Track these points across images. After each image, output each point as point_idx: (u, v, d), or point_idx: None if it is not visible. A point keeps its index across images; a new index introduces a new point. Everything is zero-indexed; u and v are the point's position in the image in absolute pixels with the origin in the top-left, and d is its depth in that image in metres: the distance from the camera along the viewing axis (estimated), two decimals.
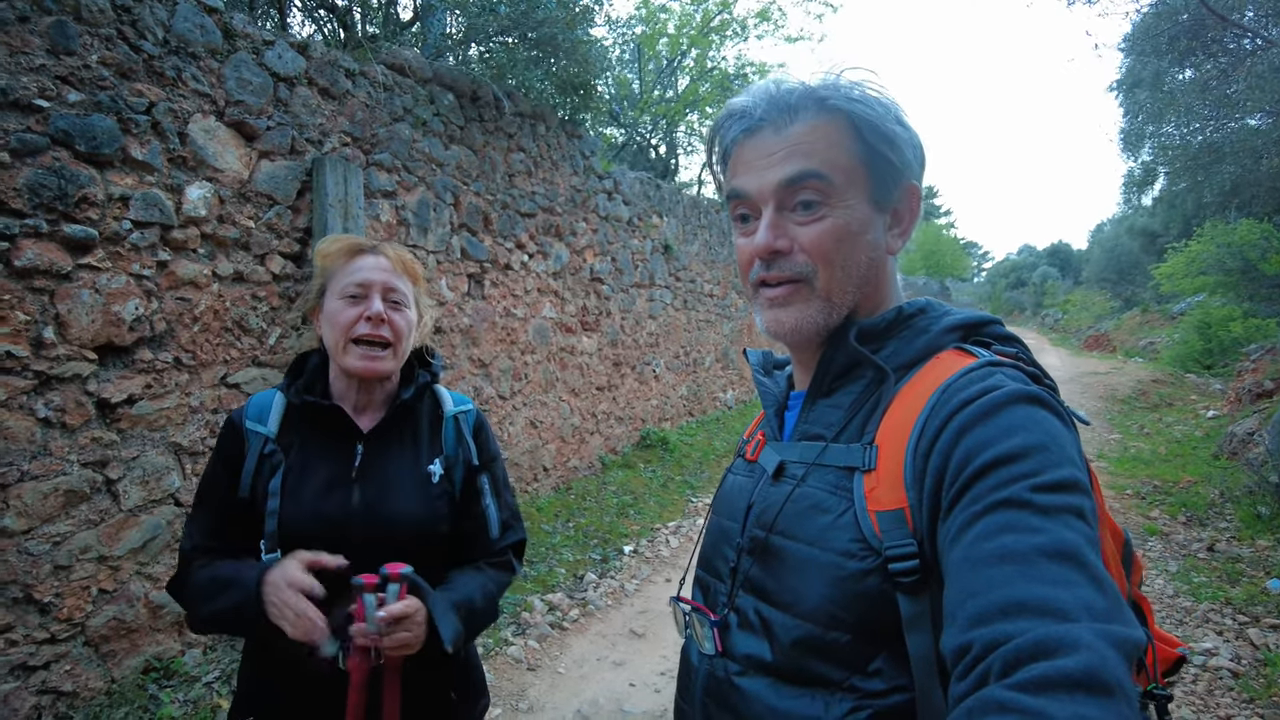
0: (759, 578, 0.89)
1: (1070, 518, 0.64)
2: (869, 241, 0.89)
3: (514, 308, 5.75)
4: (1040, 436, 0.70)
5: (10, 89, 2.61)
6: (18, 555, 2.68)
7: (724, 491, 1.07)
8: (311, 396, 1.46)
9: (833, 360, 0.92)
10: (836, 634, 0.79)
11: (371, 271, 1.43)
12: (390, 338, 1.42)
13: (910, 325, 0.90)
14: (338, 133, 4.02)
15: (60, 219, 2.76)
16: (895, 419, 0.82)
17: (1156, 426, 9.92)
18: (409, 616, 1.27)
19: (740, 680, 0.87)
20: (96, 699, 2.88)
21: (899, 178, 0.90)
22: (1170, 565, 4.83)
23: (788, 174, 0.86)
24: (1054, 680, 0.52)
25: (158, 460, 3.15)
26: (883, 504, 0.78)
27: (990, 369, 0.80)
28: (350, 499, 1.40)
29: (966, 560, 0.65)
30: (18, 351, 2.66)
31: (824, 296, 0.89)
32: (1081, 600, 0.57)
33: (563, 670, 3.63)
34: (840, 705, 0.78)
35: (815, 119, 0.87)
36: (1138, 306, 24.87)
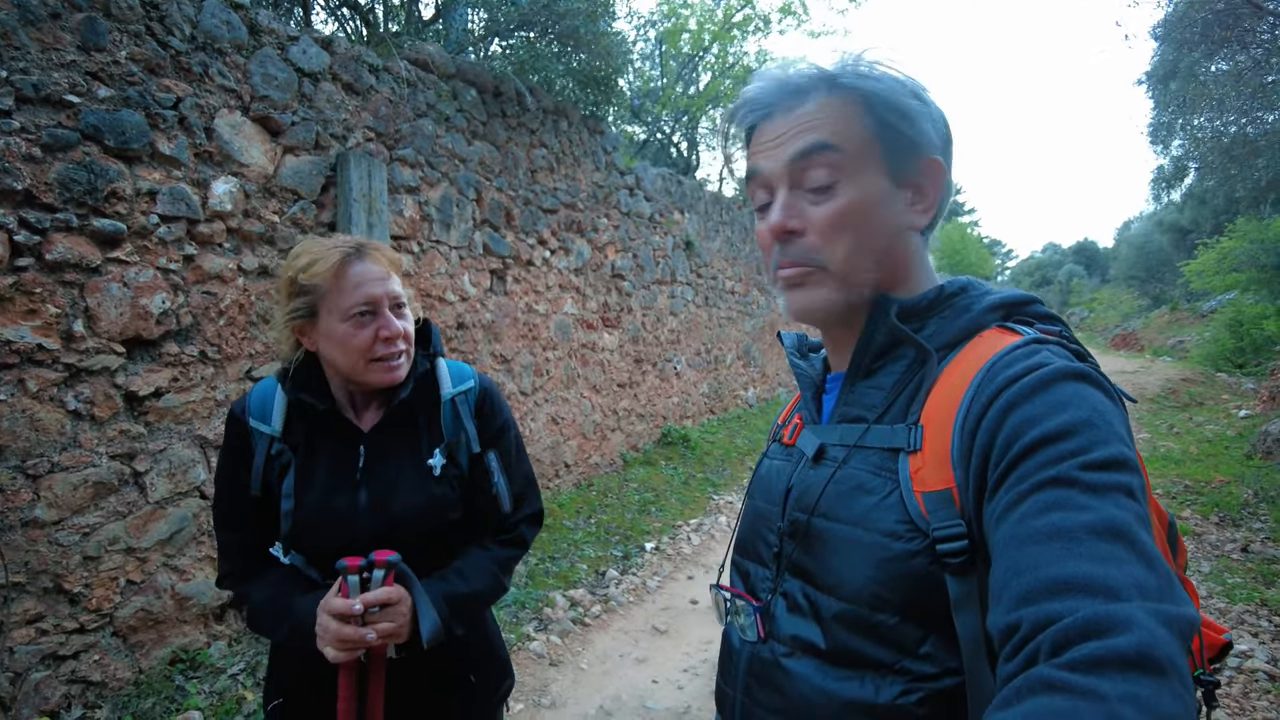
0: (803, 561, 0.88)
1: (1119, 495, 0.63)
2: (886, 217, 0.87)
3: (536, 304, 5.75)
4: (1088, 413, 0.68)
5: (42, 85, 2.64)
6: (48, 545, 2.71)
7: (760, 476, 1.05)
8: (308, 396, 1.41)
9: (872, 339, 0.90)
10: (884, 615, 0.78)
11: (374, 285, 1.36)
12: (406, 346, 1.40)
13: (952, 304, 0.89)
14: (362, 128, 4.03)
15: (90, 213, 2.79)
16: (939, 398, 0.80)
17: (1186, 426, 9.73)
18: (391, 605, 1.26)
19: (788, 661, 0.87)
20: (124, 689, 2.91)
21: (916, 151, 0.88)
22: (1203, 566, 4.73)
23: (798, 148, 0.86)
24: (1105, 659, 0.51)
25: (184, 453, 3.17)
26: (929, 484, 0.77)
27: (1036, 346, 0.78)
28: (357, 499, 1.39)
29: (1014, 538, 0.64)
30: (49, 344, 2.69)
31: (839, 276, 0.87)
32: (1132, 578, 0.56)
33: (585, 666, 3.62)
34: (891, 688, 0.77)
35: (825, 97, 0.86)
36: (1166, 304, 24.48)
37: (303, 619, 1.31)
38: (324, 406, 1.42)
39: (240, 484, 1.43)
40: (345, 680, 1.30)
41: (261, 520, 1.43)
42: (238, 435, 1.45)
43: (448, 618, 1.33)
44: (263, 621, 1.41)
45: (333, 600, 1.26)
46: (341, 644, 1.24)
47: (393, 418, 1.45)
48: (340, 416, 1.44)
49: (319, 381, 1.45)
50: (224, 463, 1.47)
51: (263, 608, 1.40)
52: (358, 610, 1.23)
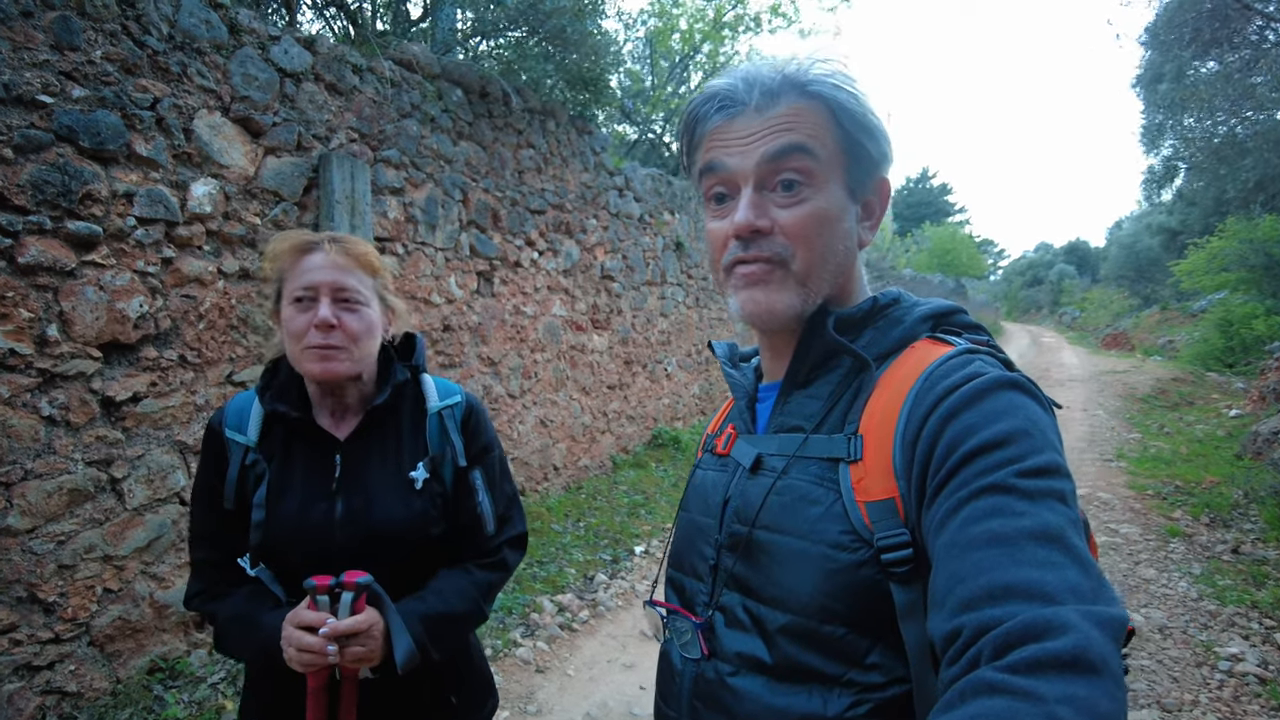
0: (744, 574, 0.87)
1: (1053, 501, 0.65)
2: (845, 230, 0.89)
3: (524, 305, 5.71)
4: (1022, 422, 0.71)
5: (14, 84, 2.59)
6: (21, 554, 2.66)
7: (694, 487, 1.05)
8: (283, 405, 1.38)
9: (809, 350, 0.91)
10: (831, 627, 0.78)
11: (317, 272, 1.31)
12: (342, 342, 1.32)
13: (886, 315, 0.91)
14: (345, 129, 3.99)
15: (64, 216, 2.74)
16: (877, 408, 0.82)
17: (1177, 425, 9.75)
18: (362, 632, 1.22)
19: (733, 680, 0.86)
20: (101, 699, 2.86)
21: (874, 169, 0.89)
22: (1194, 568, 4.72)
23: (774, 147, 0.84)
24: (1043, 661, 0.53)
25: (163, 459, 3.12)
26: (872, 494, 0.78)
27: (969, 356, 0.81)
28: (333, 511, 1.35)
29: (954, 545, 0.66)
30: (21, 349, 2.64)
31: (801, 280, 0.87)
32: (1066, 582, 0.58)
33: (572, 672, 3.58)
34: (840, 700, 0.77)
35: (798, 102, 0.86)
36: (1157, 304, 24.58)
37: (270, 635, 1.27)
38: (296, 414, 1.38)
39: (214, 499, 1.39)
40: (314, 701, 1.26)
41: (236, 537, 1.38)
42: (212, 447, 1.41)
43: (424, 640, 1.29)
44: (230, 641, 1.37)
45: (300, 612, 1.22)
46: (304, 655, 1.20)
47: (370, 426, 1.41)
48: (315, 425, 1.39)
49: (299, 391, 1.42)
50: (199, 478, 1.43)
51: (229, 626, 1.36)
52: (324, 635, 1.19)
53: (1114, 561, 4.90)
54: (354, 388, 1.42)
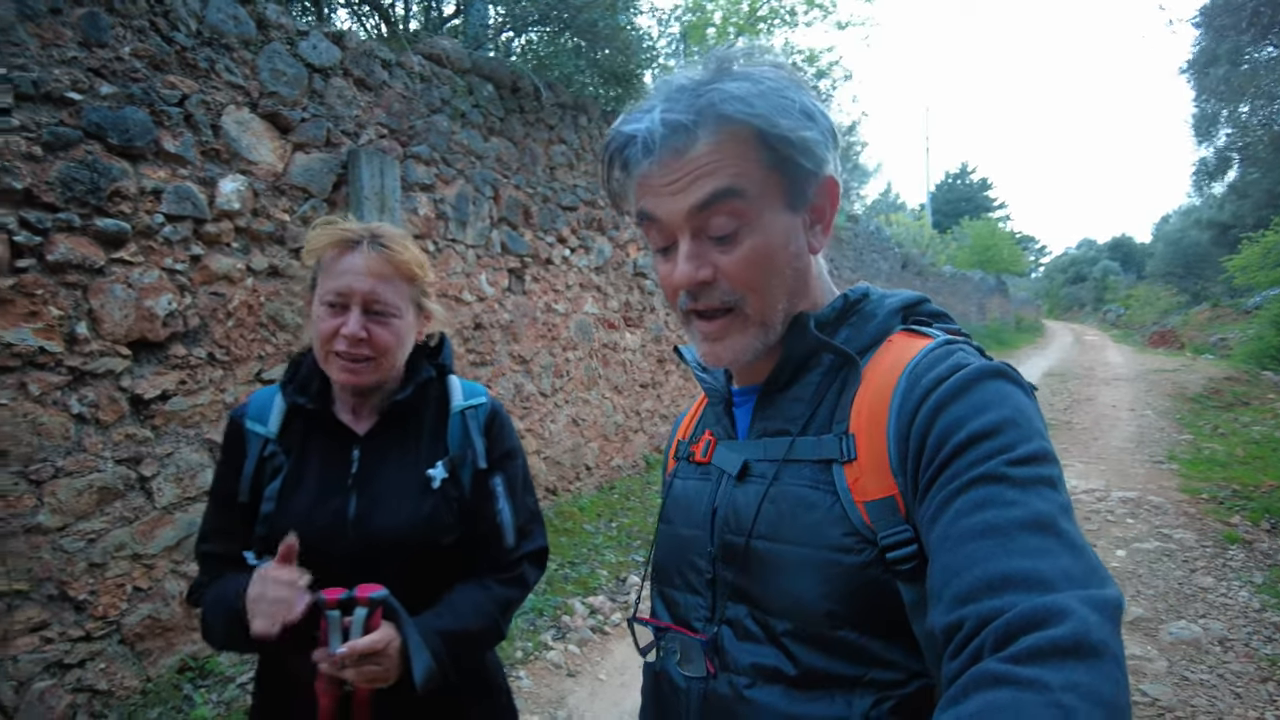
0: (746, 585, 0.85)
1: (1044, 488, 0.66)
2: (792, 251, 0.85)
3: (555, 303, 5.65)
4: (1010, 411, 0.71)
5: (42, 82, 2.58)
6: (52, 552, 2.65)
7: (675, 498, 1.01)
8: (304, 398, 1.35)
9: (793, 352, 0.88)
10: (844, 631, 0.77)
11: (355, 278, 1.27)
12: (370, 353, 1.29)
13: (859, 311, 0.90)
14: (374, 124, 3.96)
15: (93, 213, 2.73)
16: (865, 405, 0.81)
17: (1231, 426, 9.36)
18: (378, 651, 1.16)
19: (750, 693, 0.83)
20: (131, 698, 2.86)
21: (813, 177, 0.84)
22: (1255, 576, 4.49)
23: (698, 199, 0.80)
24: (1045, 650, 0.53)
25: (192, 457, 3.11)
26: (870, 494, 0.77)
27: (950, 347, 0.81)
28: (346, 508, 1.30)
29: (949, 537, 0.66)
30: (51, 347, 2.63)
31: (758, 322, 0.85)
32: (1062, 568, 0.59)
33: (604, 677, 3.50)
34: (863, 701, 0.76)
35: (716, 136, 0.79)
36: (1207, 301, 23.85)
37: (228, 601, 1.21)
38: (314, 407, 1.35)
39: (230, 492, 1.35)
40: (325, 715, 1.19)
41: (248, 532, 1.34)
42: (232, 438, 1.38)
43: (444, 658, 1.23)
44: (210, 626, 1.31)
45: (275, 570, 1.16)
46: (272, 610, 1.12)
47: (391, 422, 1.37)
48: (335, 419, 1.36)
49: (321, 384, 1.38)
50: (217, 471, 1.40)
51: (209, 609, 1.31)
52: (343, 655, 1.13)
53: (1168, 568, 4.68)
54: (377, 386, 1.38)
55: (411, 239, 1.40)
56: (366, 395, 1.38)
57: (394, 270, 1.31)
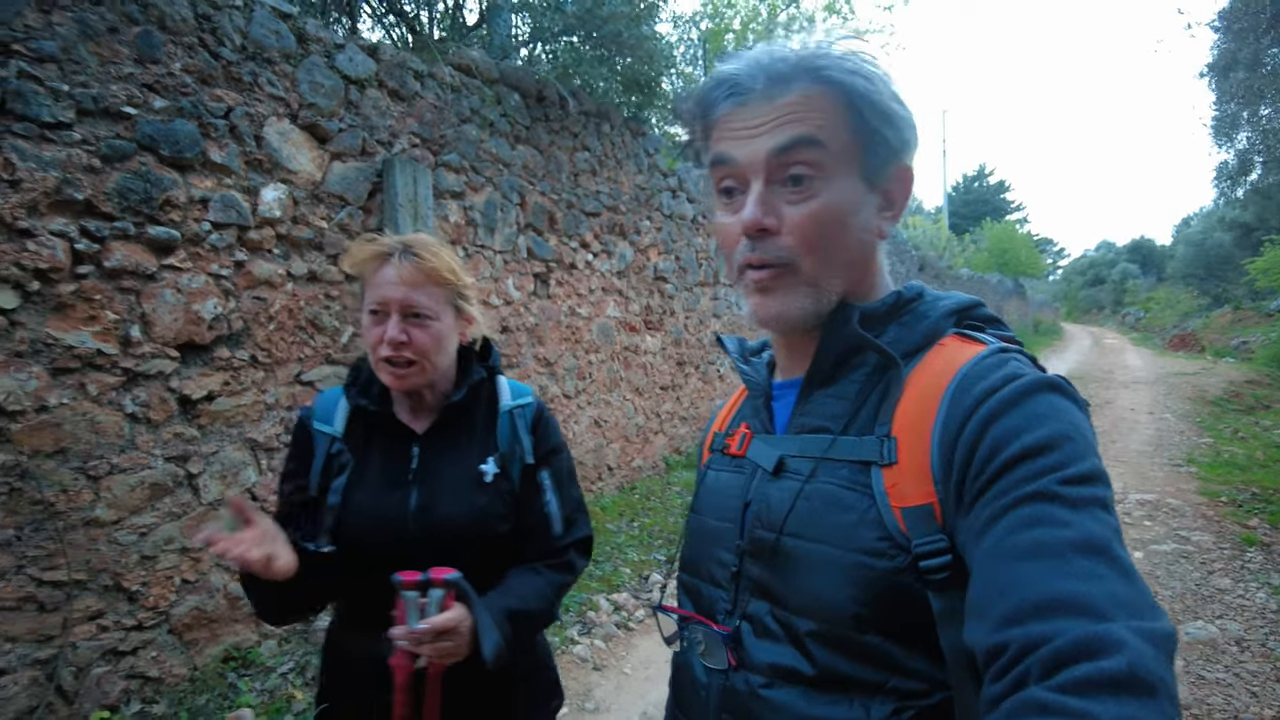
0: (770, 582, 0.84)
1: (1097, 510, 0.63)
2: (860, 223, 0.85)
3: (579, 307, 5.76)
4: (1065, 427, 0.69)
5: (101, 98, 2.72)
6: (108, 545, 2.79)
7: (708, 488, 1.01)
8: (365, 400, 1.46)
9: (832, 346, 0.87)
10: (869, 635, 0.76)
11: (390, 288, 1.38)
12: (413, 356, 1.39)
13: (911, 310, 0.88)
14: (407, 134, 4.08)
15: (146, 221, 2.87)
16: (911, 409, 0.79)
17: (1252, 430, 9.33)
18: (453, 629, 1.25)
19: (766, 692, 0.82)
20: (180, 685, 2.98)
21: (893, 157, 0.85)
22: (1273, 578, 4.52)
23: (780, 141, 0.81)
24: (1097, 681, 0.51)
25: (235, 456, 3.24)
26: (908, 499, 0.75)
27: (1004, 355, 0.78)
28: (407, 501, 1.41)
29: (996, 554, 0.64)
30: (108, 349, 2.76)
31: (811, 282, 0.84)
32: (1114, 595, 0.57)
33: (629, 671, 3.60)
34: (881, 708, 0.75)
35: (810, 89, 0.81)
36: (1229, 304, 23.62)
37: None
38: (375, 408, 1.45)
39: (297, 486, 1.47)
40: (402, 696, 1.30)
41: (311, 521, 1.44)
42: (300, 437, 1.50)
43: (510, 636, 1.32)
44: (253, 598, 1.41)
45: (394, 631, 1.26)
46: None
47: (446, 421, 1.48)
48: (395, 419, 1.47)
49: (380, 387, 1.48)
50: (285, 465, 1.52)
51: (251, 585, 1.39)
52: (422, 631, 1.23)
53: (1186, 570, 4.72)
54: (430, 388, 1.48)
55: (445, 246, 1.49)
56: (421, 397, 1.48)
57: (425, 277, 1.40)
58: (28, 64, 2.54)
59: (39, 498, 2.59)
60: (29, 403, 2.57)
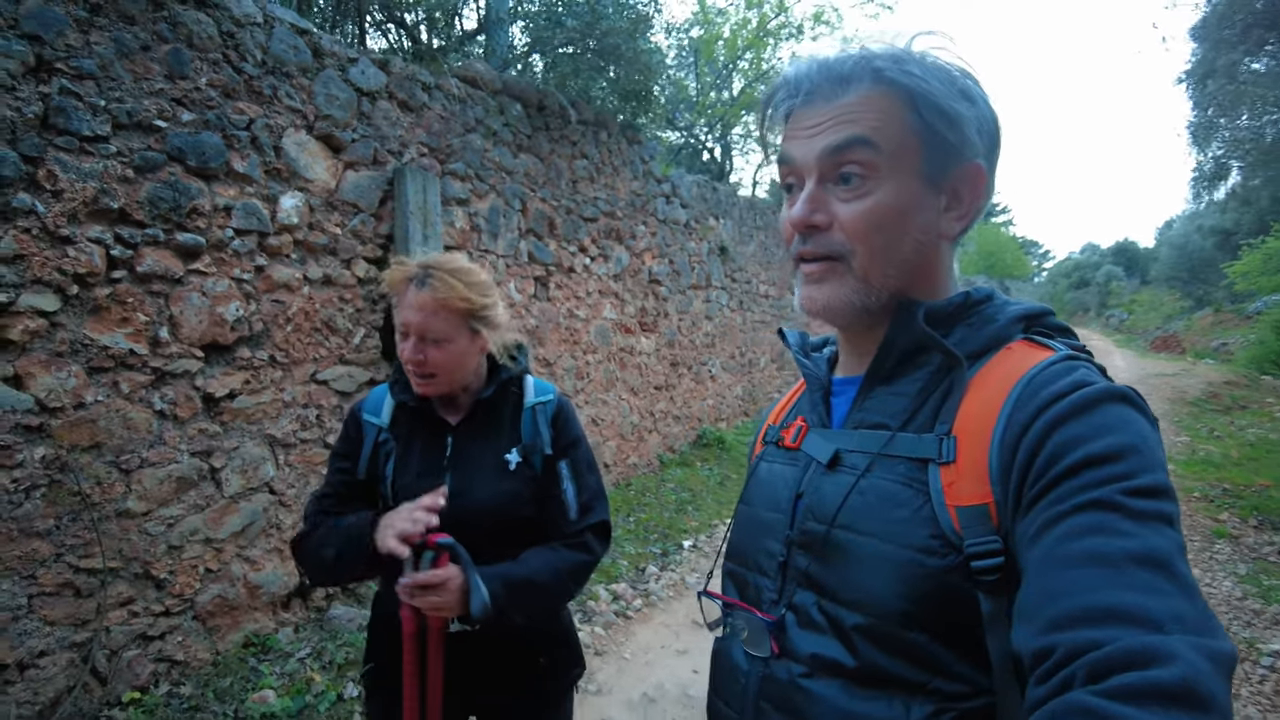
0: (820, 574, 0.84)
1: (1161, 524, 0.62)
2: (918, 222, 0.84)
3: (577, 309, 5.94)
4: (1133, 438, 0.68)
5: (135, 112, 2.87)
6: (139, 535, 2.94)
7: (760, 480, 1.01)
8: (406, 396, 1.63)
9: (895, 343, 0.87)
10: (915, 633, 0.76)
11: (409, 312, 1.53)
12: (433, 370, 1.55)
13: (978, 312, 0.87)
14: (416, 144, 4.25)
15: (174, 229, 3.02)
16: (973, 410, 0.78)
17: (1228, 429, 9.61)
18: (440, 584, 1.40)
19: (806, 683, 0.83)
20: (204, 669, 3.14)
21: (957, 156, 0.84)
22: (1239, 568, 4.75)
23: (832, 141, 0.82)
24: (1147, 691, 0.50)
25: (255, 451, 3.40)
26: (964, 499, 0.75)
27: (1072, 363, 0.78)
28: (442, 484, 1.57)
29: (1050, 559, 0.63)
30: (139, 349, 2.92)
31: (860, 277, 0.84)
32: (1173, 610, 0.55)
33: (629, 656, 3.78)
34: (921, 708, 0.75)
35: (869, 90, 0.82)
36: (1210, 306, 24.00)
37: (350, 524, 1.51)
38: (414, 403, 1.63)
39: (345, 470, 1.67)
40: (409, 645, 1.48)
41: (364, 501, 1.66)
42: (351, 425, 1.69)
43: (501, 598, 1.45)
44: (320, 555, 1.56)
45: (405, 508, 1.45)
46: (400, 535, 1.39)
47: (476, 415, 1.65)
48: (433, 413, 1.65)
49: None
50: (335, 449, 1.71)
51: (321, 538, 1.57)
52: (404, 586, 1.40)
53: None
54: (462, 391, 1.66)
55: (471, 270, 1.62)
56: (453, 398, 1.66)
57: (440, 305, 1.53)
58: (69, 81, 2.69)
59: (76, 490, 2.74)
60: (68, 400, 2.72)
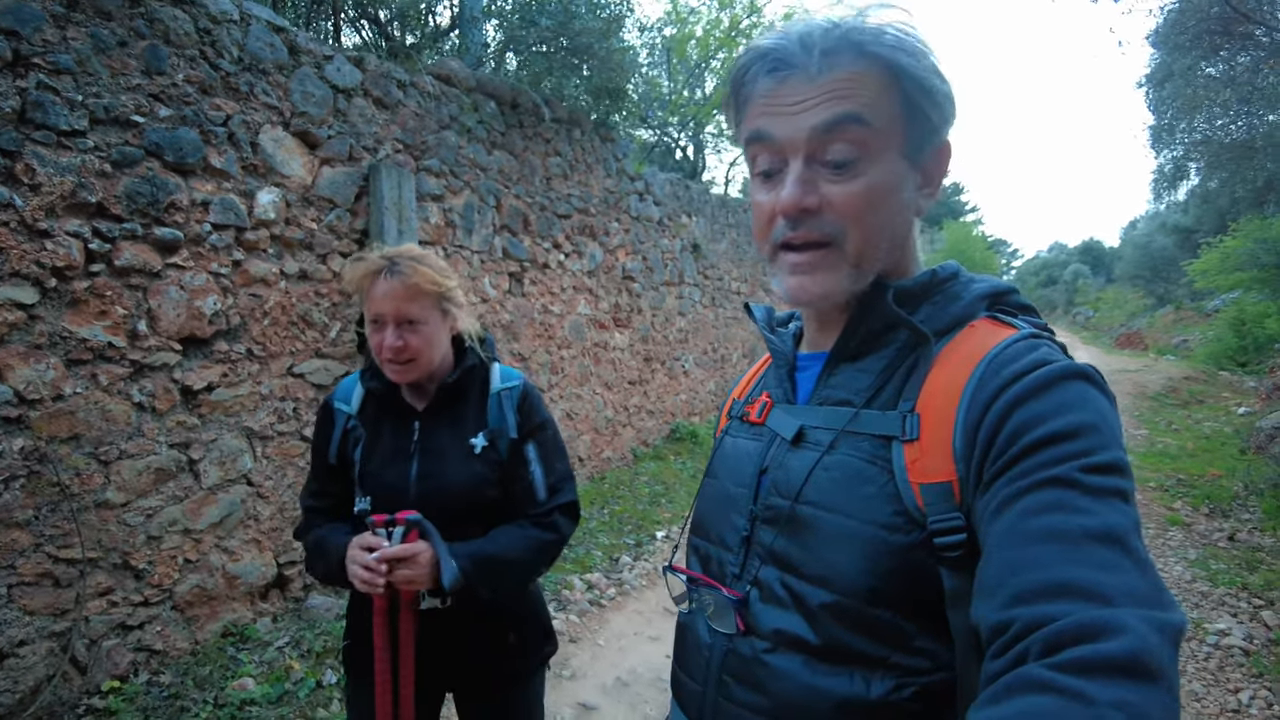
0: (784, 550, 0.85)
1: (1118, 501, 0.64)
2: (902, 201, 0.84)
3: (551, 305, 6.01)
4: (1092, 415, 0.69)
5: (112, 107, 2.91)
6: (118, 525, 2.98)
7: (725, 454, 1.01)
8: (375, 383, 1.71)
9: (862, 322, 0.87)
10: (878, 609, 0.77)
11: (384, 302, 1.58)
12: (411, 355, 1.60)
13: (944, 290, 0.87)
14: (391, 140, 4.30)
15: (152, 223, 3.06)
16: (937, 387, 0.79)
17: (1185, 423, 9.93)
18: (409, 558, 1.49)
19: (769, 657, 0.83)
20: (183, 658, 3.18)
21: (934, 134, 0.84)
22: (1189, 553, 4.96)
23: (824, 118, 0.78)
24: (1096, 664, 0.52)
25: (233, 443, 3.44)
26: (928, 475, 0.76)
27: (1035, 341, 0.79)
28: (409, 468, 1.66)
29: (1010, 535, 0.65)
30: (117, 342, 2.96)
31: (853, 262, 0.82)
32: (1125, 585, 0.57)
33: (602, 643, 3.87)
34: (882, 683, 0.76)
35: (854, 66, 0.79)
36: (1171, 304, 24.60)
37: (337, 556, 1.58)
38: (381, 389, 1.70)
39: (322, 458, 1.74)
40: (380, 621, 1.56)
41: (336, 488, 1.73)
42: (323, 414, 1.77)
43: (470, 572, 1.53)
44: (310, 561, 1.70)
45: (364, 536, 1.53)
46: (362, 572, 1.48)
47: (442, 400, 1.72)
48: (401, 399, 1.72)
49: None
50: (313, 442, 1.78)
51: (311, 549, 1.70)
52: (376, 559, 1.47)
53: None
54: (428, 378, 1.73)
55: (428, 254, 1.71)
56: (421, 384, 1.73)
57: (414, 290, 1.61)
58: (46, 76, 2.72)
59: (55, 480, 2.78)
60: (47, 391, 2.76)
